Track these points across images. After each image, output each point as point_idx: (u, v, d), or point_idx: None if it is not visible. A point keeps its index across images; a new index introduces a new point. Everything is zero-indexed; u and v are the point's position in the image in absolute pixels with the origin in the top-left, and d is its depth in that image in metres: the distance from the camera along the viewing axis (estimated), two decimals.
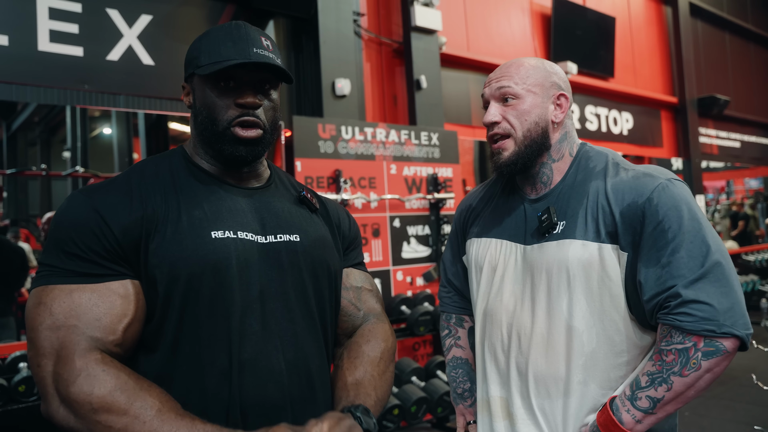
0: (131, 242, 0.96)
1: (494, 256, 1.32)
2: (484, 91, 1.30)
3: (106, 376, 0.87)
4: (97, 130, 7.77)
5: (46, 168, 5.38)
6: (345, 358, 1.17)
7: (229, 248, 1.00)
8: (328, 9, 3.84)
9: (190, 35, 3.44)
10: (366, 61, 4.28)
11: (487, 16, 5.17)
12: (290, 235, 1.10)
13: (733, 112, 8.00)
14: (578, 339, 1.17)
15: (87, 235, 0.94)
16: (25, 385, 2.47)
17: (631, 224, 1.13)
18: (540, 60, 1.31)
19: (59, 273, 0.94)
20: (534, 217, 1.27)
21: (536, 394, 1.21)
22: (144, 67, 3.27)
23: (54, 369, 0.88)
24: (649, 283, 1.10)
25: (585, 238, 1.17)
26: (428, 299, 3.76)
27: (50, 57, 2.95)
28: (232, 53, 1.02)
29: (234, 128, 1.04)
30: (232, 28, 1.05)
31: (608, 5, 6.42)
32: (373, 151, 3.79)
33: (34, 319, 0.91)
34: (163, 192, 1.03)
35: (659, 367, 1.09)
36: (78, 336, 0.90)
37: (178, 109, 3.44)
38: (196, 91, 1.07)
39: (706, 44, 7.93)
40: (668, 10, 7.32)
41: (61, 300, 0.91)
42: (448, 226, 4.10)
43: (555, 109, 1.27)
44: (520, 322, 1.24)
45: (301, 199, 1.19)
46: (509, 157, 1.25)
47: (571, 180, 1.26)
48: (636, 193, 1.14)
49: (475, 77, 5.04)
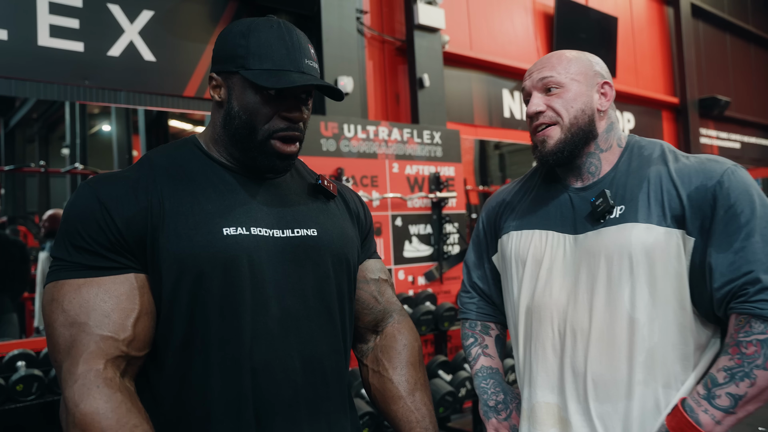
0: (135, 234, 0.94)
1: (539, 248, 1.23)
2: (525, 83, 1.25)
3: (97, 393, 0.85)
4: (96, 127, 7.73)
5: (45, 165, 5.35)
6: (388, 367, 1.17)
7: (240, 245, 0.97)
8: (331, 6, 3.81)
9: (192, 31, 3.41)
10: (369, 59, 4.25)
11: (490, 15, 5.14)
12: (307, 229, 1.06)
13: (733, 113, 8.00)
14: (640, 333, 1.09)
15: (92, 227, 0.92)
16: (23, 384, 2.43)
17: (701, 207, 1.07)
18: (580, 52, 1.27)
19: (68, 267, 0.92)
20: (583, 204, 1.19)
21: (595, 397, 1.12)
22: (145, 63, 3.23)
23: (64, 366, 0.88)
24: (720, 269, 1.04)
25: (649, 221, 1.10)
26: (430, 299, 3.74)
27: (50, 52, 2.92)
28: (286, 62, 0.98)
29: (275, 141, 1.01)
30: (284, 32, 1.01)
31: (610, 5, 6.41)
32: (375, 150, 3.76)
33: (50, 316, 0.91)
34: (174, 183, 0.99)
35: (738, 360, 1.00)
36: (88, 336, 0.88)
37: (179, 106, 3.41)
38: (234, 89, 1.01)
39: (707, 45, 7.92)
40: (670, 10, 7.31)
41: (72, 296, 0.90)
42: (450, 225, 4.08)
43: (600, 98, 1.22)
44: (574, 318, 1.15)
45: (318, 187, 1.14)
46: (555, 144, 1.19)
47: (624, 167, 1.20)
48: (705, 176, 1.09)
49: (478, 76, 5.02)
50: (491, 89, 5.13)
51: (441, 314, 3.56)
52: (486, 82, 5.09)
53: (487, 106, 5.10)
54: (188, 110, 3.44)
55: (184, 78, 3.37)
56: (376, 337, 1.24)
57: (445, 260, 4.03)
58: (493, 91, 5.15)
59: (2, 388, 2.39)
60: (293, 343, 1.01)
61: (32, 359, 2.58)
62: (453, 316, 3.61)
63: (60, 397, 2.43)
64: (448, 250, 4.07)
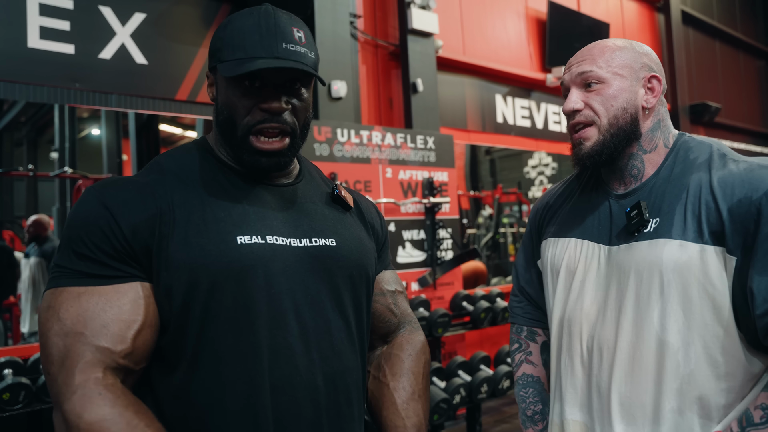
0: (142, 242, 0.88)
1: (573, 258, 1.16)
2: (564, 77, 1.16)
3: (101, 401, 0.81)
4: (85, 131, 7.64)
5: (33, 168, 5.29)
6: (388, 373, 1.12)
7: (256, 255, 0.91)
8: (324, 10, 3.80)
9: (184, 34, 3.37)
10: (362, 63, 4.24)
11: (484, 21, 5.15)
12: (326, 239, 1.01)
13: (723, 119, 8.06)
14: (672, 358, 1.00)
15: (96, 233, 0.87)
16: (10, 393, 2.38)
17: (743, 223, 0.96)
18: (628, 41, 1.15)
19: (69, 274, 0.87)
20: (621, 214, 1.11)
21: (620, 419, 1.04)
22: (137, 66, 3.20)
23: (58, 379, 0.83)
24: (763, 293, 0.93)
25: (683, 238, 1.00)
26: (423, 304, 3.72)
27: (40, 54, 2.88)
28: (258, 49, 0.91)
29: (252, 137, 0.95)
30: (261, 16, 0.93)
31: (602, 12, 6.44)
32: (368, 155, 3.74)
33: (44, 325, 0.86)
34: (185, 189, 0.94)
35: None
36: (83, 346, 0.83)
37: (171, 110, 3.37)
38: (219, 85, 0.97)
39: (698, 52, 7.98)
40: (661, 17, 7.36)
41: (69, 304, 0.85)
42: (443, 230, 4.06)
43: (646, 93, 1.11)
44: (602, 334, 1.08)
45: (335, 197, 1.09)
46: (592, 147, 1.10)
47: (666, 173, 1.10)
48: (750, 186, 0.96)
49: (471, 81, 5.02)
50: (484, 94, 5.13)
51: (435, 320, 3.54)
52: (479, 87, 5.09)
53: (480, 111, 5.10)
54: (180, 114, 3.41)
55: (176, 81, 3.34)
56: (383, 346, 1.20)
57: (439, 266, 4.01)
58: (486, 96, 5.15)
59: None
60: (315, 358, 0.95)
61: (20, 367, 2.53)
62: (447, 322, 3.59)
63: (48, 406, 2.39)
64: (442, 255, 4.05)
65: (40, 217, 4.89)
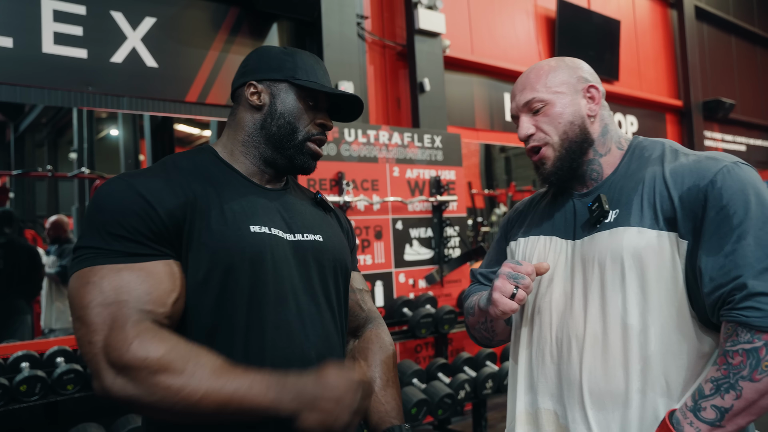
0: (175, 225, 1.00)
1: (543, 253, 1.23)
2: (511, 107, 1.25)
3: (158, 341, 0.90)
4: (104, 132, 7.81)
5: (52, 169, 5.42)
6: (363, 365, 1.25)
7: (265, 243, 1.05)
8: (331, 12, 3.85)
9: (194, 38, 3.45)
10: (369, 63, 4.29)
11: (491, 19, 5.17)
12: (314, 235, 1.16)
13: (738, 115, 7.97)
14: (635, 340, 1.05)
15: (133, 217, 0.97)
16: (27, 385, 2.48)
17: (692, 209, 1.03)
18: (559, 59, 1.24)
19: (105, 254, 0.95)
20: (584, 210, 1.18)
21: (591, 405, 1.08)
22: (148, 69, 3.28)
23: (105, 342, 0.89)
24: (710, 273, 0.98)
25: (641, 225, 1.07)
26: (430, 302, 3.76)
27: (54, 59, 2.97)
28: (325, 81, 1.17)
29: (311, 144, 1.15)
30: (318, 60, 1.20)
31: (613, 8, 6.41)
32: (375, 154, 3.79)
33: (84, 298, 0.92)
34: (202, 183, 1.06)
35: (725, 371, 0.95)
36: (129, 310, 0.91)
37: (182, 111, 3.46)
38: (278, 96, 1.14)
39: (712, 48, 7.90)
40: (674, 13, 7.30)
41: (110, 278, 0.93)
42: (450, 228, 4.10)
43: (588, 103, 1.20)
44: (570, 324, 1.13)
45: (319, 201, 1.26)
46: (552, 164, 1.19)
47: (623, 170, 1.17)
48: (697, 176, 1.04)
49: (479, 80, 5.04)
50: (493, 93, 5.16)
51: (441, 317, 3.58)
52: (487, 86, 5.11)
53: (488, 109, 5.12)
54: (190, 115, 3.49)
55: (186, 84, 3.42)
56: (354, 340, 1.33)
57: (446, 263, 4.06)
58: (494, 95, 5.17)
59: (6, 389, 2.44)
60: (310, 336, 1.08)
61: (36, 360, 2.63)
62: (453, 319, 3.63)
63: (63, 398, 2.47)
64: (449, 253, 4.09)
65: (59, 218, 4.99)
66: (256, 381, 0.91)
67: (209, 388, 0.88)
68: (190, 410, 0.89)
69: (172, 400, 0.88)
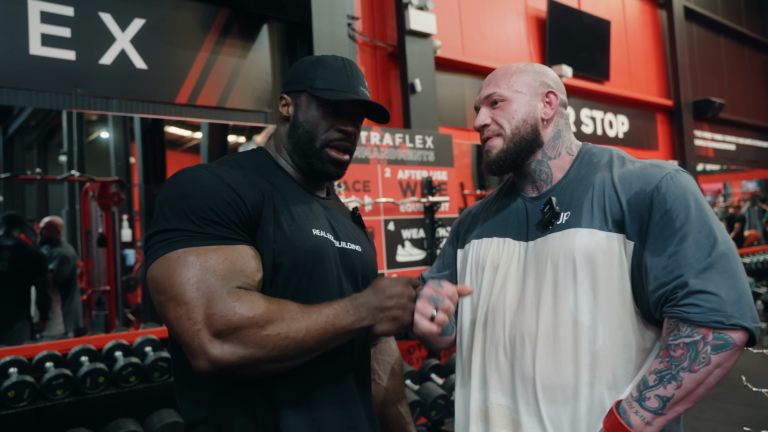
0: (256, 217, 1.07)
1: (497, 254, 1.29)
2: (476, 100, 1.33)
3: (256, 298, 0.98)
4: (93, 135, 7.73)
5: (41, 172, 5.37)
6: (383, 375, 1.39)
7: (325, 245, 1.14)
8: (321, 13, 3.84)
9: (184, 39, 3.43)
10: (360, 64, 4.28)
11: (482, 20, 5.18)
12: (355, 245, 1.24)
13: (728, 114, 8.02)
14: (585, 336, 1.11)
15: (223, 204, 1.03)
16: (15, 391, 2.45)
17: (639, 212, 1.10)
18: (528, 63, 1.32)
19: (198, 237, 1.00)
20: (536, 213, 1.25)
21: (543, 399, 1.14)
22: (137, 71, 3.26)
23: (206, 314, 0.95)
24: (654, 272, 1.07)
25: (591, 227, 1.14)
26: None
27: (42, 61, 2.95)
28: (346, 86, 1.17)
29: (330, 150, 1.18)
30: (345, 64, 1.20)
31: (603, 9, 6.44)
32: (367, 155, 3.79)
33: (180, 276, 0.97)
34: (266, 183, 1.13)
35: (667, 363, 1.03)
36: (223, 284, 0.98)
37: (172, 113, 3.43)
38: (301, 106, 1.20)
39: (701, 47, 7.95)
40: (663, 13, 7.34)
41: (206, 258, 0.99)
42: (442, 229, 4.10)
43: (544, 107, 1.27)
44: (523, 322, 1.18)
45: (356, 218, 1.34)
46: (497, 154, 1.26)
47: (574, 175, 1.25)
48: (644, 181, 1.12)
49: (470, 80, 5.05)
50: None
51: None
52: (478, 86, 5.10)
53: None
54: (180, 117, 3.46)
55: (176, 85, 3.40)
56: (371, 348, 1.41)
57: None
58: None
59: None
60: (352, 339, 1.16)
61: (24, 366, 2.60)
62: None
63: (52, 403, 2.45)
64: None
65: (53, 218, 4.94)
66: (336, 308, 1.03)
67: (308, 325, 0.99)
68: (298, 348, 0.99)
69: (282, 344, 0.97)
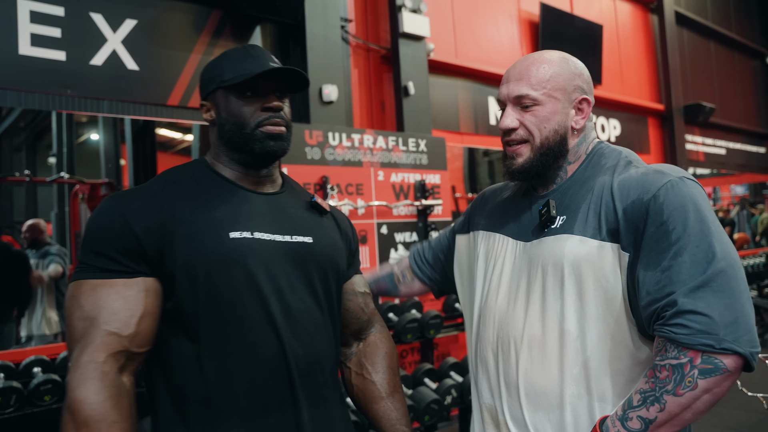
0: (153, 241, 1.07)
1: (495, 252, 1.25)
2: (501, 90, 1.21)
3: (90, 384, 0.98)
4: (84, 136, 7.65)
5: (30, 174, 5.32)
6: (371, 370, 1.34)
7: (245, 247, 1.11)
8: (315, 15, 3.83)
9: (176, 40, 3.40)
10: (353, 67, 4.26)
11: (476, 23, 5.18)
12: (304, 236, 1.21)
13: (718, 119, 8.07)
14: (572, 345, 1.07)
15: (110, 235, 1.06)
16: (2, 397, 2.40)
17: (634, 222, 1.04)
18: (562, 57, 1.20)
19: (88, 269, 1.06)
20: (537, 212, 1.20)
21: (527, 406, 1.11)
22: (128, 72, 3.23)
23: (74, 354, 1.02)
24: (647, 287, 1.00)
25: (583, 234, 1.08)
26: (416, 306, 3.74)
27: (32, 61, 2.91)
28: (254, 67, 1.15)
29: (262, 128, 1.16)
30: (248, 49, 1.19)
31: (595, 13, 6.47)
32: (360, 158, 3.77)
33: (68, 310, 1.05)
34: (185, 197, 1.13)
35: (652, 384, 0.98)
36: (96, 330, 1.02)
37: (163, 115, 3.40)
38: (220, 104, 1.19)
39: (692, 52, 8.00)
40: (655, 18, 7.38)
41: (88, 294, 1.04)
42: (435, 232, 4.08)
43: (576, 114, 1.19)
44: (510, 324, 1.15)
45: (312, 204, 1.30)
46: (523, 163, 1.19)
47: (579, 175, 1.19)
48: (642, 189, 1.04)
49: (464, 84, 5.04)
50: (477, 97, 5.16)
51: (427, 322, 3.56)
52: (472, 89, 5.11)
53: (473, 113, 5.12)
54: (172, 119, 3.43)
55: (168, 87, 3.36)
56: (359, 343, 1.39)
57: None
58: (478, 99, 5.17)
59: None
60: (297, 333, 1.14)
61: (11, 371, 2.56)
62: (439, 324, 3.61)
63: (40, 409, 2.40)
64: None
65: (36, 221, 4.90)
66: None
67: None
68: None
69: None
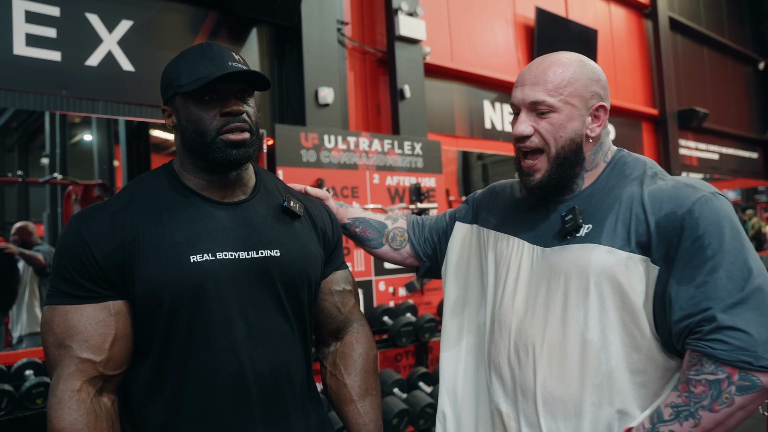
0: (115, 266, 1.05)
1: (509, 256, 1.23)
2: (515, 94, 1.18)
3: (68, 412, 0.99)
4: (77, 137, 7.63)
5: (23, 175, 5.28)
6: (344, 372, 1.30)
7: (206, 270, 1.08)
8: (311, 17, 3.82)
9: (173, 42, 3.39)
10: (349, 70, 4.26)
11: (471, 27, 5.19)
12: (271, 250, 1.16)
13: (711, 124, 8.12)
14: (594, 355, 1.06)
15: (75, 261, 1.05)
16: None
17: (667, 236, 1.02)
18: (581, 61, 1.16)
19: (58, 294, 1.06)
20: (557, 219, 1.17)
21: (544, 413, 1.10)
22: (124, 73, 3.21)
23: (52, 381, 1.03)
24: (680, 302, 0.99)
25: (612, 245, 1.06)
26: (410, 310, 3.73)
27: (26, 61, 2.89)
28: (211, 69, 1.08)
29: (222, 136, 1.10)
30: (205, 48, 1.12)
31: (590, 18, 6.49)
32: (355, 161, 3.76)
33: (43, 336, 1.06)
34: (149, 216, 1.10)
35: (686, 399, 0.97)
36: (69, 358, 1.03)
37: (159, 117, 3.39)
38: (179, 110, 1.13)
39: (686, 58, 8.05)
40: (649, 23, 7.42)
41: (59, 321, 1.04)
42: None
43: (592, 122, 1.16)
44: (529, 330, 1.13)
45: (284, 209, 1.23)
46: (541, 179, 1.16)
47: (602, 183, 1.16)
48: (676, 202, 1.03)
49: (459, 87, 5.05)
50: (472, 100, 5.17)
51: (422, 325, 3.55)
52: (467, 93, 5.12)
53: (468, 117, 5.13)
54: None
55: None
56: (336, 342, 1.37)
57: None
58: (474, 103, 5.18)
59: None
60: (262, 353, 1.12)
61: (3, 374, 2.53)
62: (434, 328, 3.60)
63: (31, 413, 2.39)
64: None
65: (25, 223, 4.88)
66: None
67: None
68: None
69: None
